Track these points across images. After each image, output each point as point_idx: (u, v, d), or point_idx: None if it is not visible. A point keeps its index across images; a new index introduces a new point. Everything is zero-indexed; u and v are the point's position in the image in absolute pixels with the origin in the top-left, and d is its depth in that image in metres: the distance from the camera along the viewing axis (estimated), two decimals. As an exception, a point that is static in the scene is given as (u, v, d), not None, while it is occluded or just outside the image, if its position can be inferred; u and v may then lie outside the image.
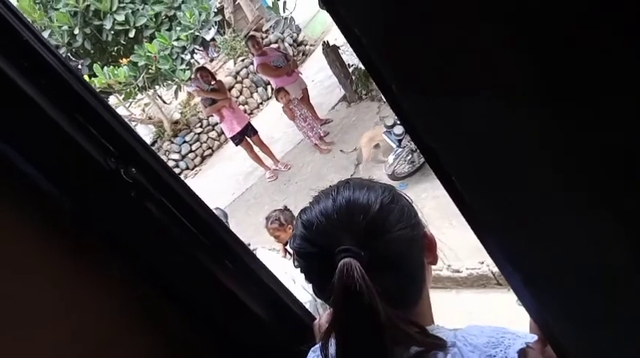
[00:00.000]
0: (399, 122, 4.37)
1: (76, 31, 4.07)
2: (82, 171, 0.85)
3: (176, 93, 4.98)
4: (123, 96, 4.41)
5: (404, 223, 0.70)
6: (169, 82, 4.41)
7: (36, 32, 0.82)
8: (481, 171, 0.44)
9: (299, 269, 0.77)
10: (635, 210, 0.37)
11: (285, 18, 4.64)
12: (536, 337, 0.67)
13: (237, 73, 10.09)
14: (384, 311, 0.63)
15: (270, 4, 4.54)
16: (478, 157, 0.43)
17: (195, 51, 6.49)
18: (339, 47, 7.33)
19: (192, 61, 4.77)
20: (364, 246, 0.66)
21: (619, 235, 0.40)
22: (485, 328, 0.71)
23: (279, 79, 6.57)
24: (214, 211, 3.39)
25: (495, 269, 2.86)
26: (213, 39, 11.38)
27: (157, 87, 4.84)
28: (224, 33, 11.08)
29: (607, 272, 0.44)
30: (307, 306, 1.85)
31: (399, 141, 4.41)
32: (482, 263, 2.94)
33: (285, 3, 4.57)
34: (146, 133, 9.08)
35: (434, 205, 4.52)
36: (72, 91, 0.83)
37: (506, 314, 3.07)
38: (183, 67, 4.30)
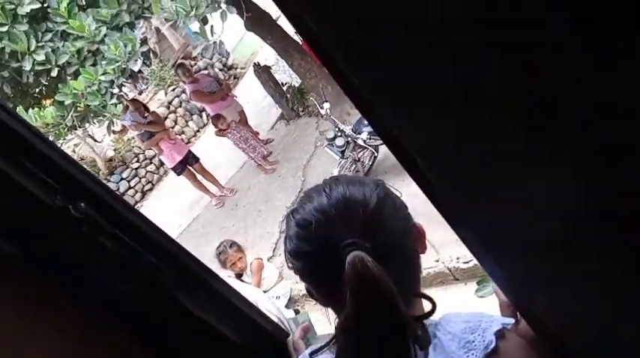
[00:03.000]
0: (339, 134, 4.44)
1: (-7, 75, 3.85)
2: (26, 212, 0.80)
3: (109, 129, 4.80)
4: (52, 138, 4.19)
5: (399, 215, 0.72)
6: (100, 118, 4.25)
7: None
8: (445, 151, 0.45)
9: (292, 272, 0.75)
10: (593, 170, 0.39)
11: (214, 42, 4.62)
12: (512, 320, 0.69)
13: (170, 102, 9.90)
14: (401, 302, 0.62)
15: (197, 30, 4.49)
16: (441, 138, 0.44)
17: (123, 84, 6.29)
18: (270, 67, 7.39)
19: (120, 93, 4.63)
20: (365, 240, 0.65)
21: (578, 199, 0.42)
22: (463, 314, 0.73)
23: (215, 104, 6.51)
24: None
25: (451, 265, 2.93)
26: (140, 71, 11.13)
27: (87, 124, 4.65)
28: (150, 64, 10.85)
29: (570, 237, 0.46)
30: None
31: (342, 152, 4.47)
32: (437, 260, 3.01)
33: (212, 27, 4.55)
34: (80, 175, 8.66)
35: (383, 211, 4.62)
36: (5, 128, 0.78)
37: (467, 307, 3.16)
38: (114, 101, 4.16)
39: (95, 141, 9.35)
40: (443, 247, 3.47)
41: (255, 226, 5.62)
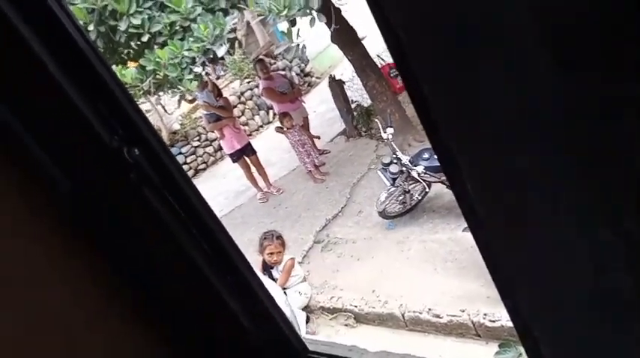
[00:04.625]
0: (395, 161, 4.39)
1: (91, 28, 4.09)
2: (83, 145, 0.83)
3: (179, 101, 4.99)
4: (126, 97, 4.42)
5: None
6: (174, 89, 4.43)
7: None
8: (495, 188, 0.43)
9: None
10: (635, 232, 0.37)
11: (297, 45, 4.72)
12: None
13: (242, 93, 10.17)
14: None
15: (285, 30, 4.61)
16: (493, 169, 0.42)
17: (205, 63, 6.50)
18: (344, 82, 7.46)
19: (202, 72, 4.81)
20: None
21: (619, 257, 0.39)
22: None
23: (283, 104, 6.63)
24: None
25: (476, 318, 2.81)
26: (222, 57, 11.53)
27: (161, 93, 4.85)
28: (233, 53, 11.23)
29: (608, 297, 0.43)
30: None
31: (394, 179, 4.42)
32: (464, 311, 2.89)
33: (299, 31, 4.66)
34: (142, 140, 9.02)
35: (419, 248, 4.51)
36: (87, 64, 0.81)
37: (482, 366, 3.02)
38: (191, 77, 4.33)
39: (165, 111, 9.75)
40: (472, 300, 3.35)
41: (291, 229, 5.63)
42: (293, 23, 4.42)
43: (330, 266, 4.79)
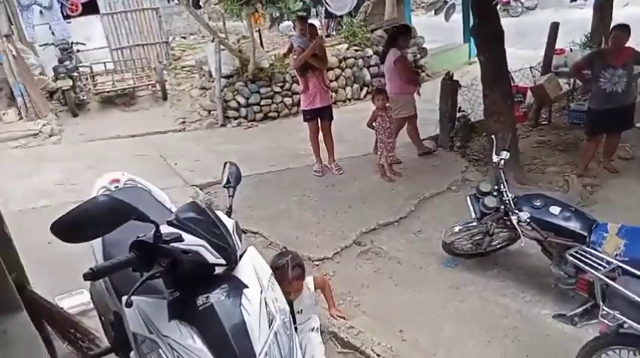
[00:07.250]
0: (495, 194, 3.43)
1: None
2: None
3: (274, 21, 4.23)
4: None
5: None
6: (273, 5, 3.64)
7: None
8: None
9: None
10: None
11: (446, 2, 3.77)
12: None
13: (345, 59, 9.31)
14: None
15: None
16: None
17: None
18: (460, 86, 6.43)
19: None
20: None
21: None
22: None
23: (401, 83, 5.82)
24: (228, 165, 2.35)
25: None
26: (342, 16, 10.69)
27: (258, 5, 4.07)
28: (354, 16, 10.38)
29: None
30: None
31: (482, 214, 3.45)
32: None
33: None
34: (227, 62, 8.42)
35: (477, 307, 3.50)
36: None
37: None
38: (299, -1, 3.54)
39: (261, 44, 9.09)
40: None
41: (333, 219, 4.79)
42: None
43: (361, 277, 3.91)
